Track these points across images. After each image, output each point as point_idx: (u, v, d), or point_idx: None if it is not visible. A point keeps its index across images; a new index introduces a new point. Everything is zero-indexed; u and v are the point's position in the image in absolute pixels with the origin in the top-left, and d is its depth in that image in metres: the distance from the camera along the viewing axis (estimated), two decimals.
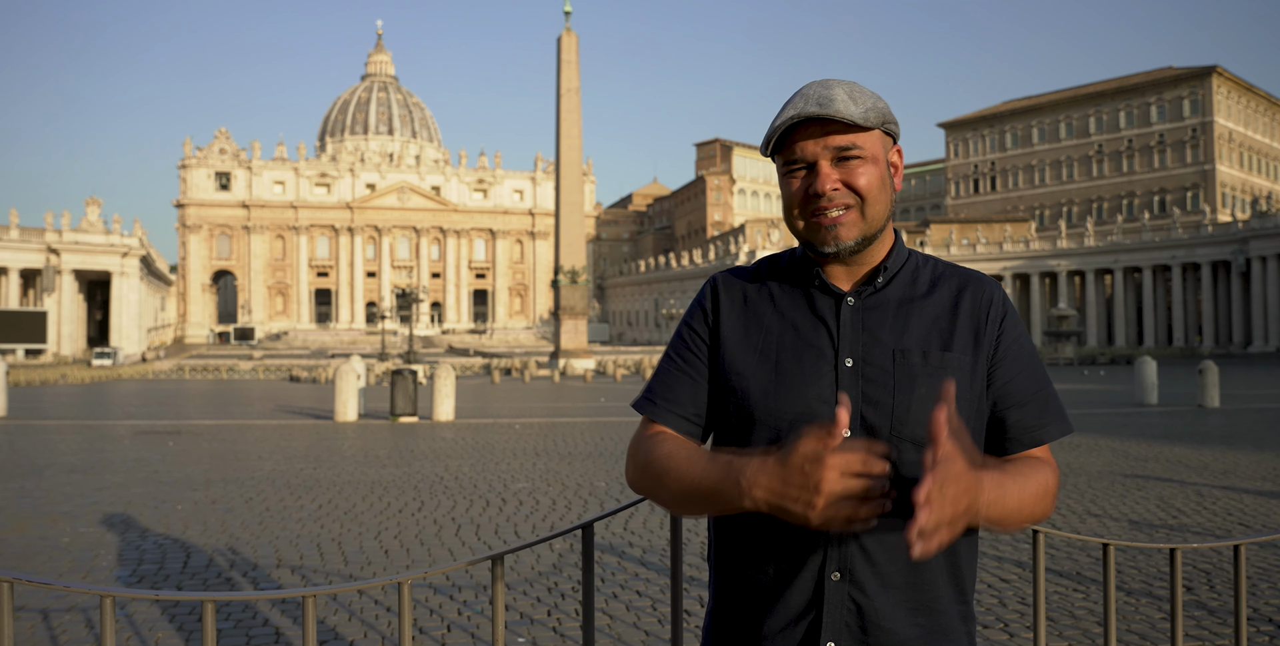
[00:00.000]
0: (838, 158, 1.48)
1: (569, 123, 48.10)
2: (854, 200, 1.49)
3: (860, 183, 1.48)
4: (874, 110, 1.48)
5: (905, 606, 1.44)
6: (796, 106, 1.47)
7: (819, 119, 1.46)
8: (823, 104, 1.45)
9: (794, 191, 1.51)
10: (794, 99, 1.50)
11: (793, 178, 1.51)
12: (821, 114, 1.44)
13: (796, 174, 1.51)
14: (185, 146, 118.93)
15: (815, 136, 1.48)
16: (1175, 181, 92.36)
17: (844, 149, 1.47)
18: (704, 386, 1.59)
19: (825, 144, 1.47)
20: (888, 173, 1.52)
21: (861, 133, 1.48)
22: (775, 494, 1.30)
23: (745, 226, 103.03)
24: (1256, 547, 7.03)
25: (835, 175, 1.48)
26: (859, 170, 1.48)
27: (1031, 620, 3.56)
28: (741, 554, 1.52)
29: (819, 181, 1.47)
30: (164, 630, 5.14)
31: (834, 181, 1.47)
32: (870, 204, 1.49)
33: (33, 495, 9.86)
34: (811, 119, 1.47)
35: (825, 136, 1.47)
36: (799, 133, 1.49)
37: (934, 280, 1.57)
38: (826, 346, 1.51)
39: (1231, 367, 41.05)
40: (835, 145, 1.47)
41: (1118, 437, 15.06)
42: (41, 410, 23.99)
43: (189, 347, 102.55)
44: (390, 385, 19.76)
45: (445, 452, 13.65)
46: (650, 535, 7.66)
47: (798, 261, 1.60)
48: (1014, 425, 1.53)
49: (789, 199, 1.53)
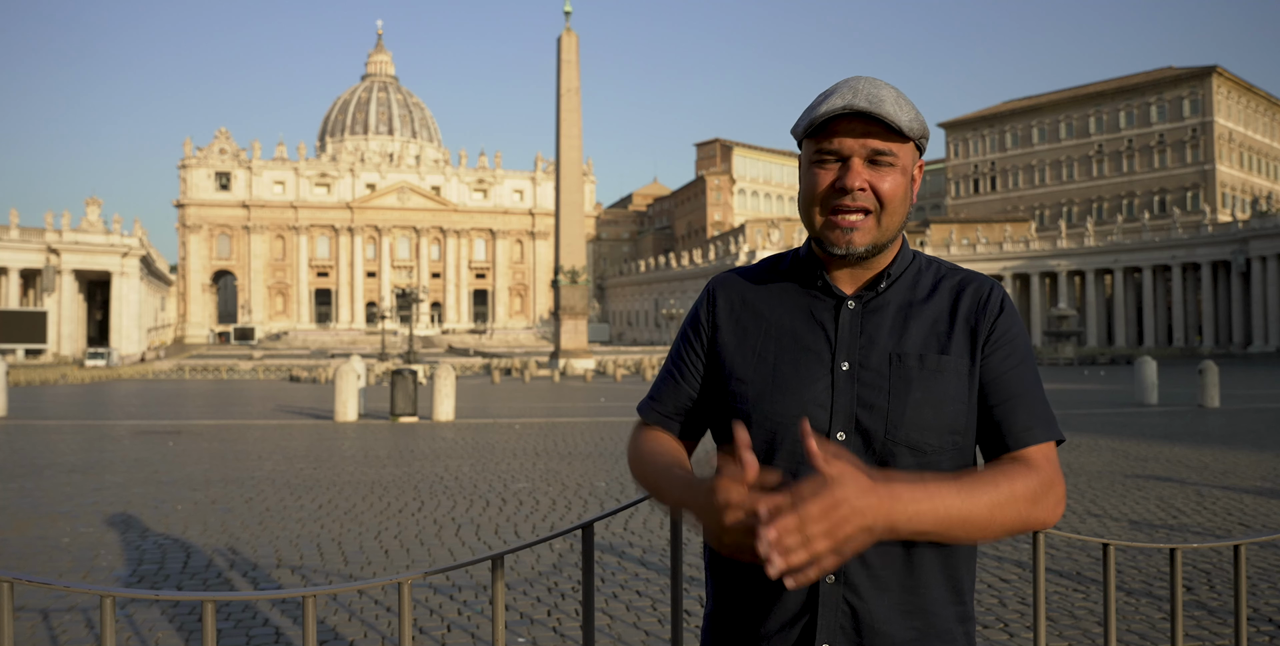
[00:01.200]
0: (871, 159, 1.46)
1: (569, 123, 48.11)
2: (875, 206, 1.47)
3: (886, 189, 1.46)
4: (916, 121, 1.47)
5: (900, 609, 1.44)
6: (845, 97, 1.44)
7: (862, 117, 1.44)
8: (873, 102, 1.42)
9: (820, 182, 1.48)
10: (841, 89, 1.46)
11: (822, 168, 1.48)
12: (872, 111, 1.42)
13: (827, 165, 1.48)
14: (185, 146, 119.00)
15: (856, 134, 1.45)
16: (1175, 181, 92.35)
17: (880, 153, 1.46)
18: (692, 390, 1.62)
19: (864, 143, 1.45)
20: (910, 186, 1.51)
21: (899, 142, 1.47)
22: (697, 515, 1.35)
23: (745, 226, 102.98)
24: (1256, 547, 7.03)
25: (866, 175, 1.46)
26: (888, 177, 1.46)
27: (1031, 620, 3.56)
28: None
29: (849, 176, 1.45)
30: (164, 630, 5.14)
31: (863, 180, 1.45)
32: (889, 213, 1.48)
33: (33, 495, 9.86)
34: (856, 114, 1.44)
35: (865, 137, 1.45)
36: (840, 125, 1.45)
37: (935, 283, 1.56)
38: (824, 350, 1.50)
39: (1231, 367, 41.05)
40: (873, 147, 1.45)
41: (1118, 437, 15.05)
42: (41, 410, 23.99)
43: (189, 347, 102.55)
44: (390, 385, 19.76)
45: (445, 452, 13.65)
46: (650, 535, 7.66)
47: (801, 262, 1.59)
48: (998, 424, 1.48)
49: (812, 189, 1.50)
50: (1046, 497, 1.38)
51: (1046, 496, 1.38)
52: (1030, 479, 1.38)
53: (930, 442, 1.45)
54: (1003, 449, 1.47)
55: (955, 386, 1.47)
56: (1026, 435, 1.46)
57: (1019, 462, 1.43)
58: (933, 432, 1.45)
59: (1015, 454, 1.46)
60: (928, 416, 1.44)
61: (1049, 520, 1.39)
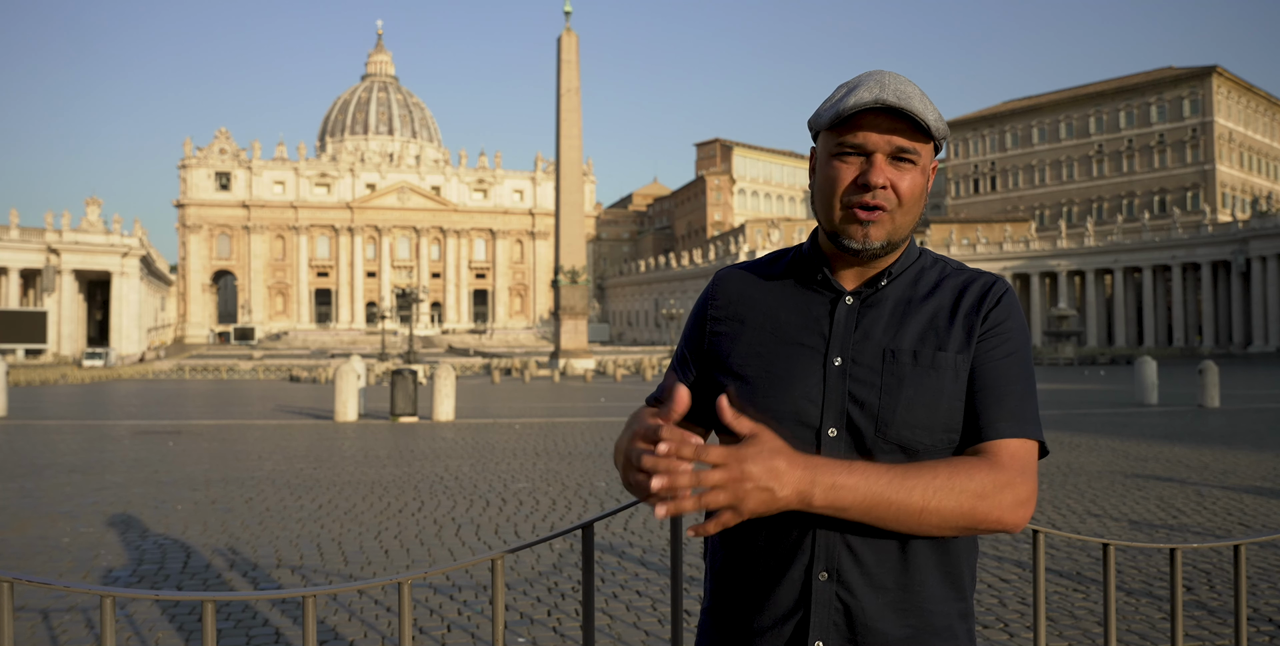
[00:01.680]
0: (893, 157, 1.45)
1: (569, 123, 48.12)
2: (894, 203, 1.45)
3: (905, 188, 1.45)
4: (940, 121, 1.45)
5: (894, 607, 1.43)
6: (874, 91, 1.41)
7: (890, 113, 1.42)
8: (902, 98, 1.40)
9: (842, 176, 1.46)
10: (867, 82, 1.44)
11: (843, 161, 1.46)
12: (904, 107, 1.40)
13: (849, 159, 1.45)
14: (185, 146, 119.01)
15: (882, 130, 1.43)
16: (1175, 181, 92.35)
17: (903, 151, 1.44)
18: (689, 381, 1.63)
19: (890, 140, 1.43)
20: (926, 186, 1.49)
21: (923, 142, 1.46)
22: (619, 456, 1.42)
23: (745, 226, 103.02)
24: (1256, 547, 7.03)
25: (888, 173, 1.44)
26: (908, 175, 1.45)
27: (1031, 620, 3.56)
28: (733, 552, 1.53)
29: (873, 173, 1.43)
30: (164, 630, 5.14)
31: (886, 178, 1.44)
32: (905, 212, 1.46)
33: (33, 495, 9.86)
34: (883, 110, 1.42)
35: (891, 134, 1.43)
36: (866, 119, 1.43)
37: (939, 280, 1.54)
38: (819, 345, 1.50)
39: (1231, 368, 41.03)
40: (898, 145, 1.43)
41: (1118, 437, 15.05)
42: (41, 410, 24.00)
43: (189, 347, 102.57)
44: (390, 385, 19.76)
45: (445, 452, 13.65)
46: (650, 535, 7.66)
47: (804, 258, 1.59)
48: (973, 415, 1.43)
49: (832, 182, 1.47)
50: (999, 495, 1.33)
51: (999, 494, 1.33)
52: (982, 473, 1.34)
53: (922, 441, 1.43)
54: (971, 440, 1.43)
55: (951, 384, 1.44)
56: (992, 428, 1.41)
57: (979, 456, 1.39)
58: (925, 431, 1.43)
59: (979, 447, 1.41)
60: (920, 414, 1.42)
61: (1004, 519, 1.34)
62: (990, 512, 1.33)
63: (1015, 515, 1.34)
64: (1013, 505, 1.34)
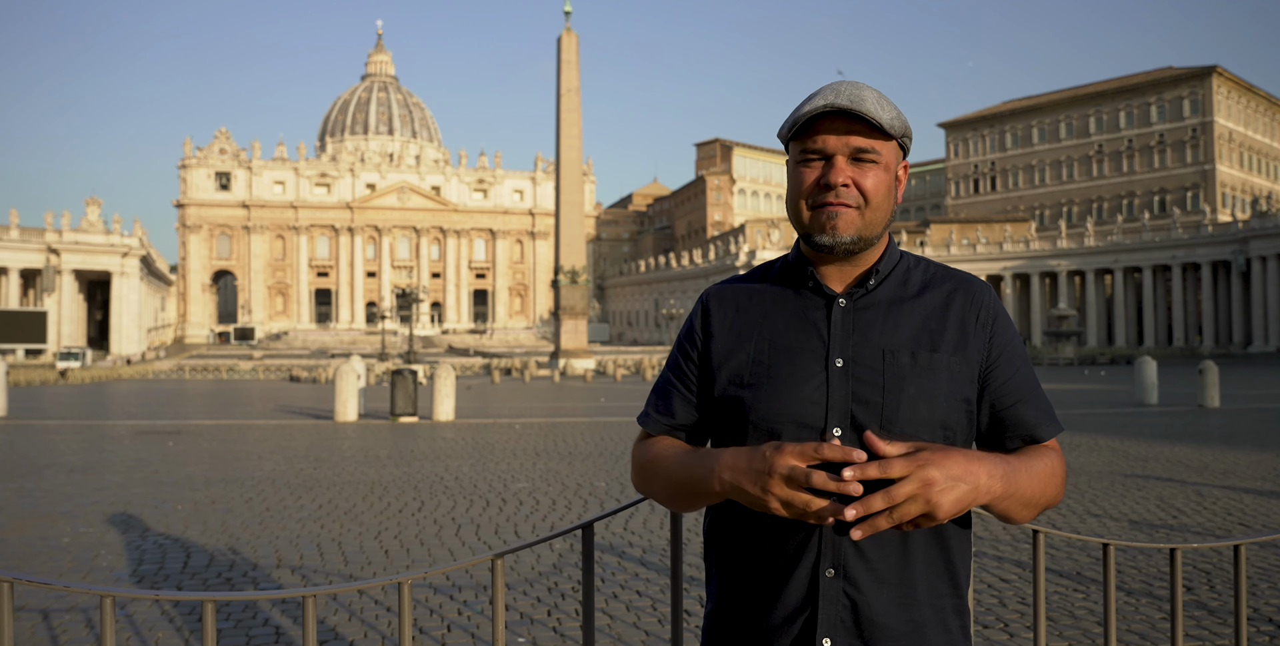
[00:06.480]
0: (854, 157, 1.51)
1: (569, 123, 48.12)
2: (859, 201, 1.51)
3: (869, 185, 1.51)
4: (898, 120, 1.53)
5: (898, 601, 1.47)
6: (827, 97, 1.49)
7: (845, 116, 1.49)
8: (854, 101, 1.48)
9: (805, 180, 1.54)
10: (823, 91, 1.52)
11: (807, 167, 1.54)
12: (853, 109, 1.47)
13: (812, 164, 1.54)
14: (185, 146, 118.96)
15: (839, 132, 1.51)
16: (1175, 181, 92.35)
17: (862, 151, 1.51)
18: (692, 399, 1.66)
19: (847, 142, 1.51)
20: (894, 183, 1.56)
21: (881, 140, 1.52)
22: (739, 473, 1.41)
23: (745, 226, 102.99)
24: (1256, 547, 7.03)
25: (849, 172, 1.51)
26: (870, 173, 1.52)
27: (1031, 620, 3.56)
28: (738, 552, 1.55)
29: (833, 173, 1.50)
30: (164, 630, 5.15)
31: (846, 177, 1.50)
32: (873, 209, 1.53)
33: (33, 495, 9.86)
34: (838, 114, 1.49)
35: (848, 135, 1.50)
36: (823, 124, 1.51)
37: (925, 282, 1.60)
38: (818, 347, 1.53)
39: (1231, 368, 41.03)
40: (855, 145, 1.51)
41: (1118, 437, 15.05)
42: (41, 410, 24.00)
43: (189, 348, 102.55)
44: (390, 385, 19.77)
45: (445, 452, 13.65)
46: (650, 535, 7.66)
47: (791, 266, 1.64)
48: (1015, 422, 1.56)
49: (797, 187, 1.55)
50: (1061, 480, 1.55)
51: (1061, 479, 1.55)
52: (1055, 459, 1.54)
53: (923, 437, 1.47)
54: (1019, 442, 1.58)
55: (948, 384, 1.51)
56: (1040, 430, 1.57)
57: (1038, 446, 1.57)
58: (925, 428, 1.48)
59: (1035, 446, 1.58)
60: (922, 411, 1.48)
61: (1059, 498, 1.55)
62: (1059, 494, 1.54)
63: (1063, 493, 1.57)
64: (1063, 486, 1.56)
